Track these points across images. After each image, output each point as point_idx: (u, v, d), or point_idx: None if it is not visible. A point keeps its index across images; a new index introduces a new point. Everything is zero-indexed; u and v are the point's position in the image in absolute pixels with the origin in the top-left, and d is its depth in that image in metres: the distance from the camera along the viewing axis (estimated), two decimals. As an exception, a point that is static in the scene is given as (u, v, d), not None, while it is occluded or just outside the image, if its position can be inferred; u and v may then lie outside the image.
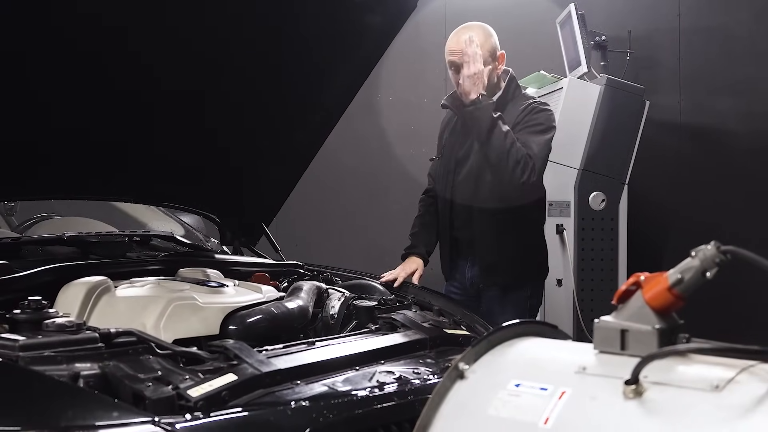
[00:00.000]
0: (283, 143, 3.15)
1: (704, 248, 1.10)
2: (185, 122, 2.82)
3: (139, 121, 2.72)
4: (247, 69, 2.78)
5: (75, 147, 2.69)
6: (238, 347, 1.80)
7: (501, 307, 3.14)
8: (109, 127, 2.68)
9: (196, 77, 2.69)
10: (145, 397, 1.50)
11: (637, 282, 1.15)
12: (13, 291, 2.10)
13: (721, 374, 1.00)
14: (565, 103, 4.19)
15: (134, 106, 2.65)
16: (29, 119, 2.49)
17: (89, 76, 2.48)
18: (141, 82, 2.58)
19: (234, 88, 2.83)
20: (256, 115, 2.97)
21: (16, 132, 2.49)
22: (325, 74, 3.01)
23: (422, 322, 2.33)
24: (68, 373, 1.55)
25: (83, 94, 2.53)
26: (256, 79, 2.82)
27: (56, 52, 2.35)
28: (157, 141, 2.85)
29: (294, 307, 2.28)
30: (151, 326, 2.03)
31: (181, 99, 2.72)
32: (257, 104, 2.93)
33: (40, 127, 2.54)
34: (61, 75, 2.43)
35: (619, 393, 1.03)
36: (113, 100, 2.59)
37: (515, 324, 1.29)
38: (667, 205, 4.81)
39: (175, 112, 2.76)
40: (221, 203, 3.34)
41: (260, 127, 3.03)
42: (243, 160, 3.12)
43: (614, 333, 1.13)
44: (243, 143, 3.05)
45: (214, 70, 2.71)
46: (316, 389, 1.71)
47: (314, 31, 2.77)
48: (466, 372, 1.20)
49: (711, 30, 4.70)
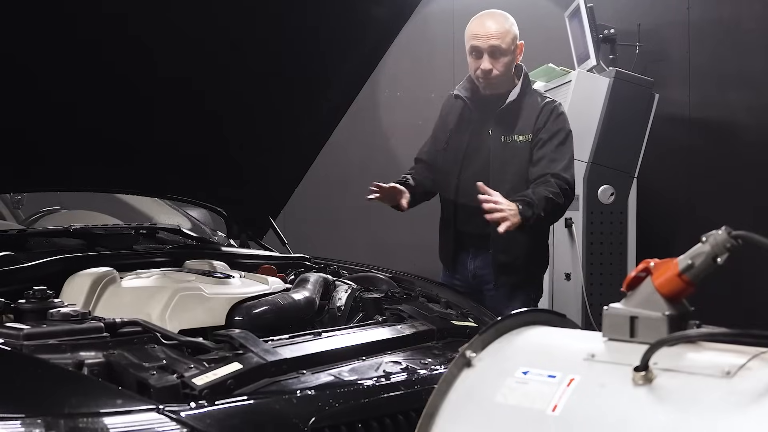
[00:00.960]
0: (290, 136, 3.14)
1: (715, 233, 1.09)
2: (192, 115, 2.81)
3: (145, 114, 2.72)
4: (254, 63, 2.77)
5: (82, 140, 2.69)
6: (244, 336, 1.79)
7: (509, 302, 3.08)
8: (116, 120, 2.68)
9: (203, 71, 2.69)
10: (149, 386, 1.50)
11: (647, 268, 1.13)
12: (19, 281, 2.09)
13: (733, 360, 0.98)
14: (573, 97, 4.17)
15: (141, 99, 2.65)
16: (36, 112, 2.49)
17: (96, 69, 2.48)
18: (148, 76, 2.58)
19: (240, 82, 2.82)
20: (262, 108, 2.96)
21: (24, 125, 2.49)
22: (330, 67, 3.00)
23: (429, 313, 2.32)
24: (72, 361, 1.55)
25: (90, 88, 2.53)
26: (262, 73, 2.82)
27: (61, 44, 2.35)
28: (164, 134, 2.84)
29: (300, 299, 2.26)
30: (157, 316, 2.02)
31: (187, 92, 2.72)
32: (264, 97, 2.92)
33: (49, 121, 2.55)
34: (68, 67, 2.43)
35: (629, 380, 1.01)
36: (120, 93, 2.59)
37: (523, 312, 1.28)
38: (676, 199, 4.79)
39: (182, 105, 2.76)
40: (228, 196, 3.33)
41: (267, 120, 3.02)
42: (249, 153, 3.11)
43: (623, 320, 1.12)
44: (249, 136, 3.04)
45: (221, 64, 2.71)
46: (321, 378, 1.70)
47: (320, 23, 2.76)
48: (473, 360, 1.18)
49: (721, 23, 4.68)
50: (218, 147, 2.99)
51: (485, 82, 3.10)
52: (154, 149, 2.88)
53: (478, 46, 3.06)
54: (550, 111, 3.10)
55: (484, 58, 3.04)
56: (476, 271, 3.24)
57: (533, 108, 3.12)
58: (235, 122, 2.96)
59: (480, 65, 3.05)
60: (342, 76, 3.06)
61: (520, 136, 3.10)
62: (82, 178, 2.93)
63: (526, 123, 3.09)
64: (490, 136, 3.14)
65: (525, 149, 3.09)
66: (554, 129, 3.08)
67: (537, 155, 3.06)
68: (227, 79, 2.78)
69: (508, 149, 3.11)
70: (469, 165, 3.19)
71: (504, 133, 3.12)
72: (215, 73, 2.73)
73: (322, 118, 3.20)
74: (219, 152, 3.02)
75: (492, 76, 3.07)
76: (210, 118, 2.87)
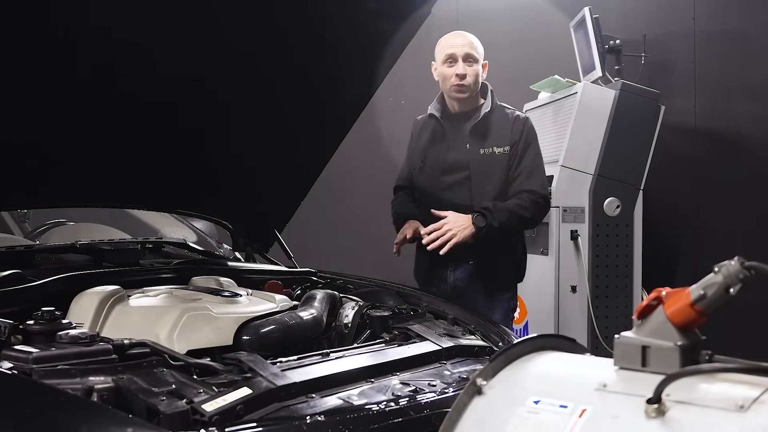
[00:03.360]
0: (297, 149, 3.14)
1: (727, 264, 1.08)
2: (196, 129, 2.81)
3: (150, 129, 2.72)
4: (261, 77, 2.77)
5: (88, 155, 2.69)
6: (253, 360, 1.78)
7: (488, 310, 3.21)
8: (122, 135, 2.68)
9: (209, 86, 2.69)
10: (159, 412, 1.49)
11: (659, 297, 1.12)
12: (26, 301, 2.09)
13: (746, 393, 0.98)
14: (579, 108, 4.17)
15: (145, 113, 2.64)
16: (41, 128, 2.49)
17: (101, 83, 2.48)
18: (154, 91, 2.58)
19: (247, 96, 2.82)
20: (269, 122, 2.96)
21: (29, 140, 2.49)
22: (339, 82, 3.00)
23: (437, 332, 2.32)
24: (82, 386, 1.54)
25: (96, 102, 2.52)
26: (270, 87, 2.82)
27: (67, 60, 2.35)
28: (169, 148, 2.84)
29: (308, 317, 2.26)
30: (165, 337, 2.01)
31: (194, 107, 2.72)
32: (270, 111, 2.92)
33: (54, 136, 2.54)
34: (73, 82, 2.42)
35: (641, 412, 1.00)
36: (125, 107, 2.59)
37: (533, 338, 1.27)
38: (683, 211, 4.77)
39: (186, 118, 2.76)
40: (234, 210, 3.33)
41: (273, 134, 3.02)
42: (255, 167, 3.11)
43: (635, 349, 1.11)
44: (255, 149, 3.04)
45: (228, 79, 2.71)
46: (331, 403, 1.69)
47: (328, 40, 2.76)
48: (484, 388, 1.18)
49: (726, 33, 4.66)
50: (224, 161, 2.99)
51: (458, 89, 3.29)
52: (160, 163, 2.88)
53: (454, 53, 3.30)
54: (522, 122, 3.32)
55: (459, 63, 3.28)
56: (456, 284, 3.32)
57: (506, 120, 3.32)
58: (241, 135, 2.96)
59: (455, 71, 3.27)
60: (349, 91, 3.08)
61: (498, 147, 3.28)
62: (87, 194, 2.93)
63: (502, 135, 3.28)
64: (468, 149, 3.29)
65: (504, 160, 3.26)
66: (530, 140, 3.31)
67: (516, 171, 3.27)
68: (233, 93, 2.78)
69: (487, 161, 3.28)
70: (447, 180, 3.34)
71: (482, 146, 3.29)
72: (221, 88, 2.73)
73: (329, 131, 3.21)
74: (225, 166, 3.02)
75: (465, 82, 3.28)
76: (216, 132, 2.87)
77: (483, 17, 5.57)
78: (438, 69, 3.37)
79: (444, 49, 3.34)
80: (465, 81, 3.27)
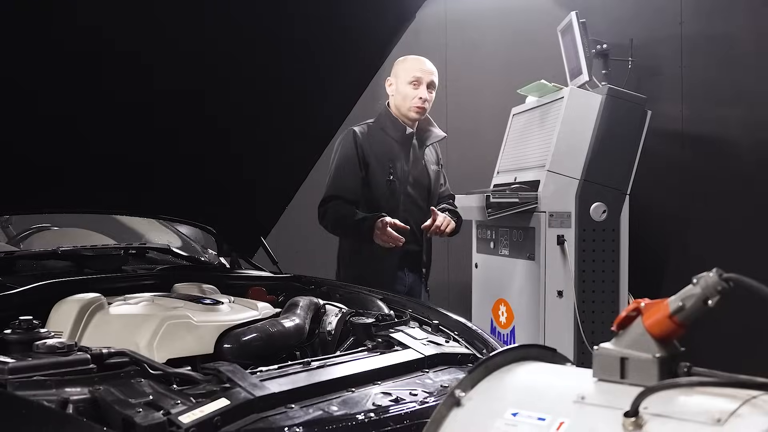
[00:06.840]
0: (282, 153, 3.14)
1: (706, 275, 1.07)
2: (181, 133, 2.79)
3: (134, 134, 2.71)
4: (248, 81, 2.76)
5: (71, 160, 2.67)
6: (232, 370, 1.76)
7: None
8: (106, 140, 2.67)
9: (195, 89, 2.67)
10: (135, 424, 1.47)
11: (638, 308, 1.12)
12: (5, 309, 2.07)
13: (724, 406, 0.97)
14: (566, 113, 4.15)
15: (130, 118, 2.63)
16: (24, 132, 2.47)
17: (87, 91, 2.47)
18: (137, 95, 2.56)
19: (232, 100, 2.81)
20: (254, 126, 2.95)
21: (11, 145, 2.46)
22: (325, 85, 3.00)
23: (420, 339, 2.30)
24: (57, 398, 1.52)
25: (80, 108, 2.52)
26: (255, 90, 2.81)
27: (51, 65, 2.33)
28: (153, 152, 2.82)
29: (290, 326, 2.25)
30: (145, 345, 2.00)
31: (176, 111, 2.70)
32: (255, 115, 2.91)
33: (36, 141, 2.52)
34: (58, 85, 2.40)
35: (619, 425, 1.00)
36: (110, 112, 2.58)
37: (513, 348, 1.26)
38: (669, 216, 4.77)
39: (171, 123, 2.74)
40: (218, 214, 3.31)
41: (258, 138, 3.01)
42: (240, 172, 3.10)
43: (614, 361, 1.10)
44: (240, 154, 3.03)
45: (214, 82, 2.70)
46: (310, 413, 1.67)
47: (314, 42, 2.76)
48: (462, 399, 1.17)
49: (714, 38, 4.66)
50: (209, 165, 2.97)
51: (418, 111, 3.71)
52: (143, 168, 2.87)
53: (420, 77, 3.70)
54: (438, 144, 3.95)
55: (422, 88, 3.69)
56: (412, 285, 3.75)
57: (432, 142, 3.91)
58: (226, 141, 2.95)
59: (419, 94, 3.68)
60: (336, 94, 3.07)
61: (436, 165, 3.89)
62: (71, 200, 2.91)
63: (436, 155, 3.92)
64: (425, 166, 3.81)
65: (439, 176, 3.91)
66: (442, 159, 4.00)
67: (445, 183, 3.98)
68: (219, 96, 2.77)
69: (435, 177, 3.85)
70: (411, 192, 3.73)
71: (432, 164, 3.86)
72: (208, 92, 2.72)
73: (315, 134, 3.20)
74: (209, 171, 3.00)
75: (425, 105, 3.71)
76: (200, 137, 2.85)
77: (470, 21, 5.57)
78: (399, 87, 3.72)
79: (412, 72, 3.70)
80: (425, 105, 3.71)
